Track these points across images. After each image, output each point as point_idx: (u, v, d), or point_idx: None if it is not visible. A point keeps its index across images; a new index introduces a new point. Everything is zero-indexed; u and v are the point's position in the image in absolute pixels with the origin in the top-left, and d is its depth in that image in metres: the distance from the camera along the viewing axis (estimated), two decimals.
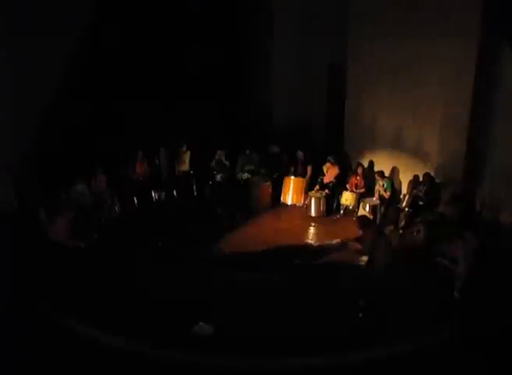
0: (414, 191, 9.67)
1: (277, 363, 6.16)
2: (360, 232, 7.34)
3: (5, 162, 9.61)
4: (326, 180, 10.65)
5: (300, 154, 11.14)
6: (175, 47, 11.64)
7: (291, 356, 6.17)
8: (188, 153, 11.35)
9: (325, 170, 10.84)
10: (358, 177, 10.24)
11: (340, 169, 10.67)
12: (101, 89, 10.70)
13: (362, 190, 10.19)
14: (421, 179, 9.70)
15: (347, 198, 10.13)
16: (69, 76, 10.41)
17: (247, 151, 11.36)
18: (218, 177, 11.29)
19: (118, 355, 6.24)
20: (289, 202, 10.93)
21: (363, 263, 7.36)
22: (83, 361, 6.12)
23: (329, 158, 10.82)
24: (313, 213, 10.27)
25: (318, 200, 10.20)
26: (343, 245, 8.13)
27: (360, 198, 10.05)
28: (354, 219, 9.94)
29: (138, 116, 11.21)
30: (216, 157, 11.32)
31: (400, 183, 10.50)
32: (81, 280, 7.57)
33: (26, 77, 9.58)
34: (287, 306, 7.05)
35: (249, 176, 11.20)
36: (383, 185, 9.84)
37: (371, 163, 10.96)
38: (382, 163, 10.63)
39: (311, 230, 9.96)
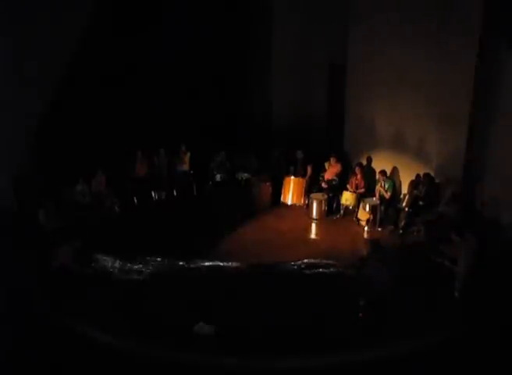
0: (414, 191, 9.66)
1: (277, 363, 6.16)
2: (366, 253, 7.39)
3: (5, 162, 9.61)
4: (327, 176, 10.66)
5: (300, 154, 11.14)
6: (175, 47, 11.63)
7: (291, 356, 6.19)
8: (188, 154, 11.37)
9: (326, 167, 10.86)
10: (358, 177, 10.24)
11: (342, 166, 10.69)
12: (101, 88, 10.71)
13: (362, 190, 10.18)
14: (421, 179, 9.69)
15: (347, 198, 10.12)
16: (69, 77, 10.41)
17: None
18: (218, 177, 11.31)
19: (118, 356, 6.25)
20: (289, 202, 10.92)
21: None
22: (83, 361, 6.13)
23: (334, 154, 10.81)
24: (314, 215, 10.27)
25: (319, 202, 10.20)
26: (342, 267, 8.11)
27: (360, 198, 10.05)
28: (354, 219, 10.00)
29: (138, 116, 11.21)
30: (218, 158, 11.35)
31: (400, 183, 10.49)
32: (81, 281, 7.58)
33: (27, 79, 9.59)
34: (287, 306, 7.06)
35: (249, 176, 11.22)
36: (384, 185, 9.85)
37: (371, 164, 10.96)
38: (382, 163, 10.62)
39: (313, 231, 10.00)
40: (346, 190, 10.27)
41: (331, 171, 10.71)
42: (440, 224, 8.69)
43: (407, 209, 9.48)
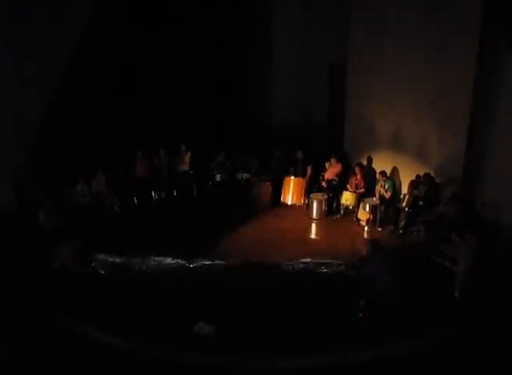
0: (414, 191, 9.66)
1: (277, 363, 6.16)
2: (366, 253, 7.39)
3: (5, 162, 9.60)
4: (328, 176, 10.67)
5: (300, 154, 11.15)
6: (175, 47, 11.63)
7: (291, 356, 6.19)
8: (188, 154, 11.38)
9: (327, 166, 10.87)
10: (358, 177, 10.24)
11: (343, 166, 10.69)
12: (101, 89, 10.71)
13: (362, 190, 10.18)
14: (421, 179, 9.69)
15: (347, 198, 10.13)
16: (70, 77, 10.41)
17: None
18: (218, 177, 11.32)
19: (117, 356, 6.25)
20: (289, 202, 10.93)
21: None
22: (83, 361, 6.13)
23: (334, 154, 10.82)
24: (314, 215, 10.27)
25: (319, 202, 10.20)
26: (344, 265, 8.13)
27: (360, 198, 10.05)
28: (354, 219, 10.00)
29: (138, 115, 11.21)
30: (218, 158, 11.35)
31: (400, 183, 10.50)
32: (81, 281, 7.58)
33: (27, 79, 9.59)
34: (287, 306, 7.06)
35: (249, 176, 11.23)
36: (384, 185, 9.85)
37: (371, 163, 10.96)
38: (382, 163, 10.63)
39: (313, 230, 10.00)
40: (346, 190, 10.27)
41: (331, 171, 10.72)
42: (440, 224, 8.69)
43: (407, 209, 9.48)
